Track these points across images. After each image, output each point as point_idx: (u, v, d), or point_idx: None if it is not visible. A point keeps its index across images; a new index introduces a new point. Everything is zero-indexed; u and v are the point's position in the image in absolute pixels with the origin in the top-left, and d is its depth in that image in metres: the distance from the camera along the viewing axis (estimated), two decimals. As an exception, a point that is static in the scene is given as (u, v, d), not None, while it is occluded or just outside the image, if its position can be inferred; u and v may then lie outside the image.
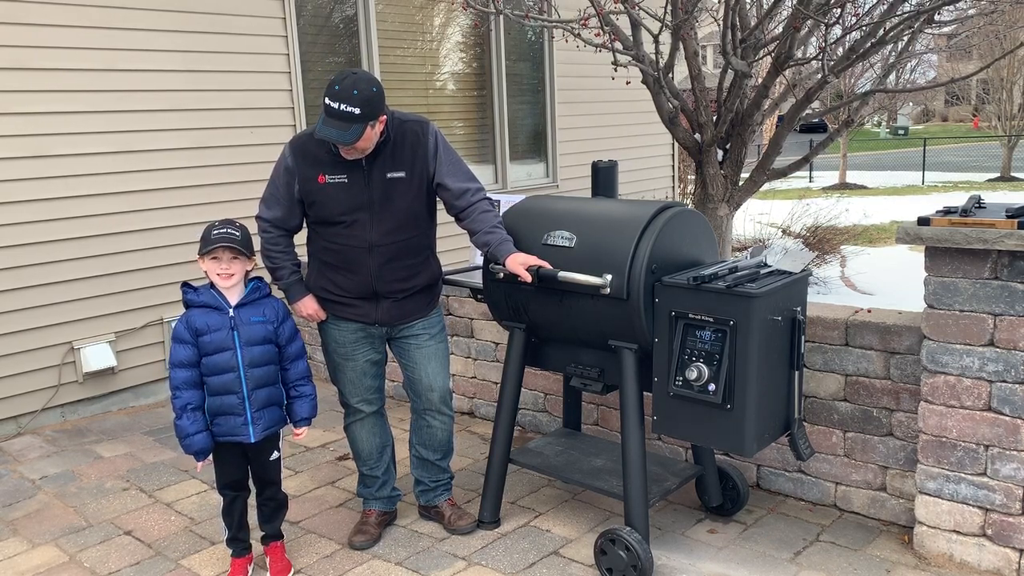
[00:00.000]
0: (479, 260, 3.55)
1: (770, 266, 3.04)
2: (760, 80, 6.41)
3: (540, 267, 3.06)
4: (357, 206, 3.12)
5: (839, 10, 5.78)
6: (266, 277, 3.18)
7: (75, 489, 4.08)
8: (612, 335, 3.06)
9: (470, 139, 7.55)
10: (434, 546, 3.40)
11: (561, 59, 8.07)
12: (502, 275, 3.24)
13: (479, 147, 7.61)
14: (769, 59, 6.33)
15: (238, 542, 3.17)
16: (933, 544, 3.11)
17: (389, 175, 3.13)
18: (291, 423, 3.15)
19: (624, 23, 6.11)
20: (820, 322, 3.42)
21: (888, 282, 9.58)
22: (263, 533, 3.23)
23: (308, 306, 3.29)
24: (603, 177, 3.77)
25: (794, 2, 5.82)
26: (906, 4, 5.89)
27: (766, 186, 10.10)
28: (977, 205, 3.07)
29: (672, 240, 3.02)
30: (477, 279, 3.58)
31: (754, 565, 3.16)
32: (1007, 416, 2.89)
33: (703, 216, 3.29)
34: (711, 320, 2.82)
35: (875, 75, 9.00)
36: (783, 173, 6.70)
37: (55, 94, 4.86)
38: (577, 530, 3.48)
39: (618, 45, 5.77)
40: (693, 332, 2.87)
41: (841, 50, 6.67)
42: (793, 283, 2.96)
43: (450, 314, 4.82)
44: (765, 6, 6.79)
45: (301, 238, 3.28)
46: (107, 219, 5.12)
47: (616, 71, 5.89)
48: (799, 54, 6.30)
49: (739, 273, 2.91)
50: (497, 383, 4.71)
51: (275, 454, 3.14)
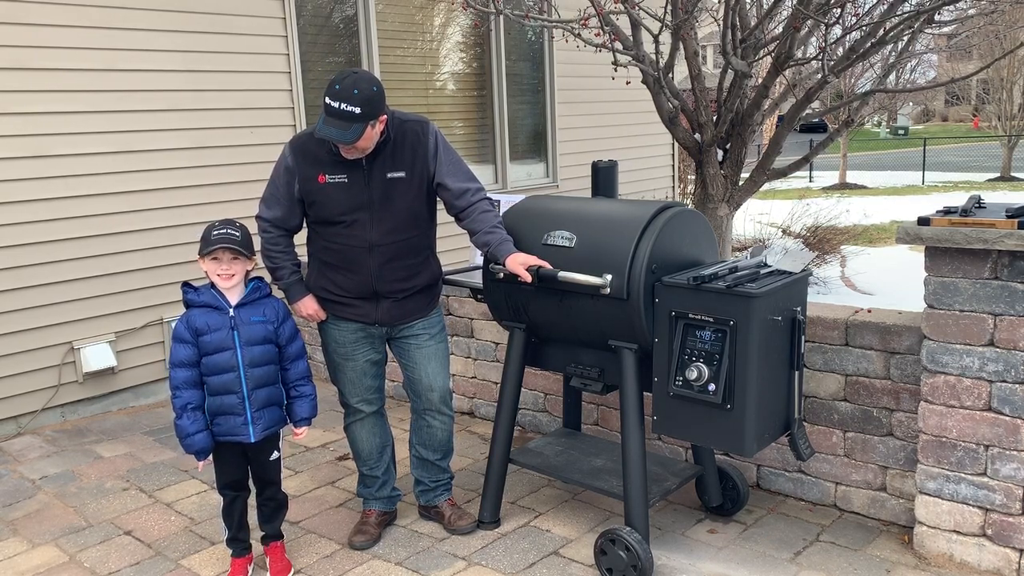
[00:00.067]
0: (479, 260, 3.55)
1: (770, 266, 3.04)
2: (760, 80, 6.41)
3: (540, 267, 3.06)
4: (357, 206, 3.12)
5: (839, 10, 5.78)
6: (266, 277, 3.18)
7: (75, 489, 4.08)
8: (612, 335, 3.06)
9: (470, 139, 7.54)
10: (434, 546, 3.40)
11: (561, 59, 8.06)
12: (502, 275, 3.24)
13: (479, 147, 7.61)
14: (769, 59, 6.32)
15: (238, 542, 3.17)
16: (933, 544, 3.11)
17: (389, 175, 3.13)
18: (291, 423, 3.16)
19: (624, 23, 6.11)
20: (820, 322, 3.42)
21: (888, 282, 9.57)
22: (263, 533, 3.23)
23: (308, 306, 3.29)
24: (603, 177, 3.77)
25: (794, 2, 5.82)
26: (906, 4, 5.89)
27: (766, 186, 10.09)
28: (977, 205, 3.07)
29: (672, 240, 3.02)
30: (477, 279, 3.57)
31: (754, 565, 3.16)
32: (1007, 416, 2.89)
33: (703, 216, 3.29)
34: (711, 320, 2.82)
35: (875, 75, 8.99)
36: (783, 173, 6.70)
37: (55, 94, 4.86)
38: (577, 530, 3.48)
39: (618, 45, 5.77)
40: (693, 332, 2.87)
41: (841, 50, 6.67)
42: (793, 283, 2.96)
43: (450, 314, 4.82)
44: (765, 6, 6.79)
45: (301, 238, 3.28)
46: (107, 219, 5.12)
47: (616, 71, 5.89)
48: (799, 54, 6.30)
49: (739, 273, 2.90)
50: (497, 383, 4.71)
51: (275, 454, 3.14)
